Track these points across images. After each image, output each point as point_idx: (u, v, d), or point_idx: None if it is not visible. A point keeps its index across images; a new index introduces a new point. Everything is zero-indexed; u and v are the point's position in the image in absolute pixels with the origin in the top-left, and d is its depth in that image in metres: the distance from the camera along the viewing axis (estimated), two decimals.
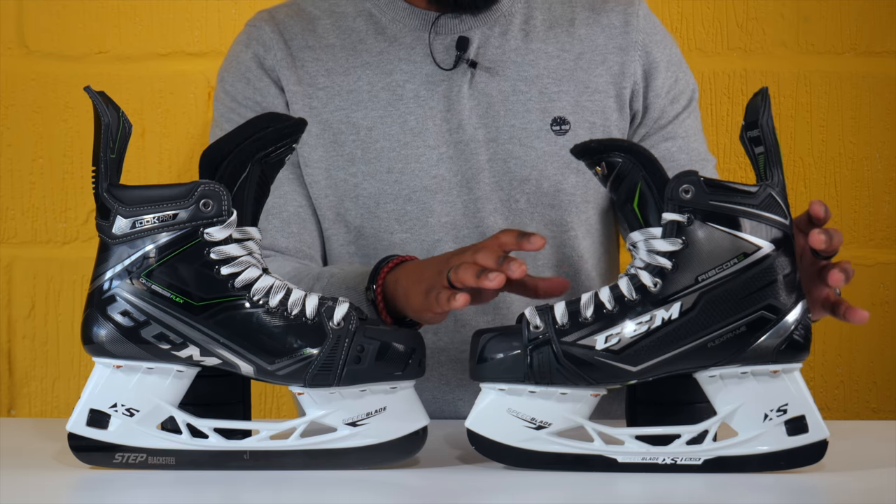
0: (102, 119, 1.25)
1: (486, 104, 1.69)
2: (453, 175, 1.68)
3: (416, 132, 1.68)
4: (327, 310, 1.27)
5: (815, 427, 1.27)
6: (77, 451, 1.29)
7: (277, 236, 1.69)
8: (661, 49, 1.74)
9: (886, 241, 2.15)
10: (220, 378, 1.30)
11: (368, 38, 1.71)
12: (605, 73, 1.71)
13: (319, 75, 1.70)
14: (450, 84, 1.69)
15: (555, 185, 1.69)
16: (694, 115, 1.76)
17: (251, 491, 1.23)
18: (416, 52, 1.70)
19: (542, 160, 1.68)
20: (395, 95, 1.69)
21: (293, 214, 1.70)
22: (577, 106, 1.70)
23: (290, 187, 1.70)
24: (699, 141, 1.76)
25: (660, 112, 1.73)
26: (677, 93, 1.74)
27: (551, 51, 1.71)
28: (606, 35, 1.72)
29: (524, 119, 1.69)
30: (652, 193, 1.26)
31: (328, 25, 1.73)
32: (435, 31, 1.70)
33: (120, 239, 1.26)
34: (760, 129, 1.27)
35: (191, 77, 2.10)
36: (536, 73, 1.70)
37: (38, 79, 2.10)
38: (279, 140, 1.27)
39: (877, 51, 2.13)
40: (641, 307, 1.25)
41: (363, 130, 1.69)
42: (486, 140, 1.68)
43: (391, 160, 1.68)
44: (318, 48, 1.71)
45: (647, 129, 1.73)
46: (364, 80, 1.69)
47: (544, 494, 1.22)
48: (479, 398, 1.29)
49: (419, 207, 1.68)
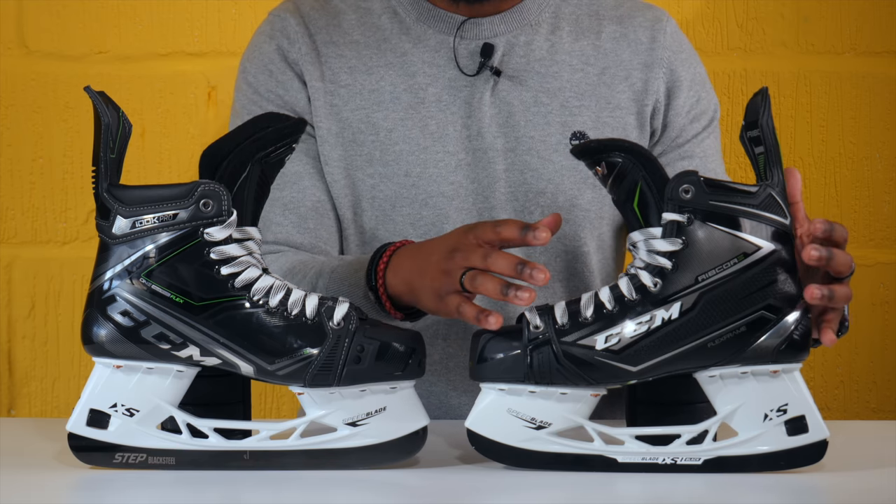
0: (102, 119, 1.25)
1: (506, 113, 1.68)
2: (470, 182, 1.67)
3: (437, 137, 1.67)
4: (327, 310, 1.27)
5: (815, 427, 1.27)
6: (77, 451, 1.29)
7: (293, 231, 1.67)
8: (685, 67, 1.72)
9: (886, 241, 2.15)
10: (220, 378, 1.30)
11: (393, 38, 1.70)
12: (628, 90, 1.70)
13: (342, 72, 1.69)
14: (472, 90, 1.68)
15: (570, 199, 1.68)
16: (714, 135, 1.74)
17: (251, 491, 1.23)
18: (440, 56, 1.69)
19: (559, 174, 1.67)
20: (416, 98, 1.68)
21: (311, 209, 1.68)
22: (598, 121, 1.68)
23: (311, 181, 1.68)
24: (717, 162, 1.74)
25: (678, 131, 1.72)
26: (698, 112, 1.72)
27: (576, 63, 1.70)
28: (632, 50, 1.71)
29: (544, 131, 1.68)
30: (652, 193, 1.26)
31: (353, 21, 1.71)
32: (460, 35, 1.69)
33: (120, 239, 1.26)
34: (760, 129, 1.27)
35: (191, 77, 2.10)
36: (559, 86, 1.69)
37: (38, 79, 2.10)
38: (279, 140, 1.27)
39: (877, 51, 2.13)
40: (641, 307, 1.25)
41: (383, 132, 1.68)
42: (504, 149, 1.67)
43: (409, 164, 1.67)
44: (343, 44, 1.70)
45: (664, 147, 1.72)
46: (386, 81, 1.68)
47: (544, 494, 1.22)
48: (479, 398, 1.29)
49: (434, 213, 1.67)
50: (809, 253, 1.27)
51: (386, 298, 1.46)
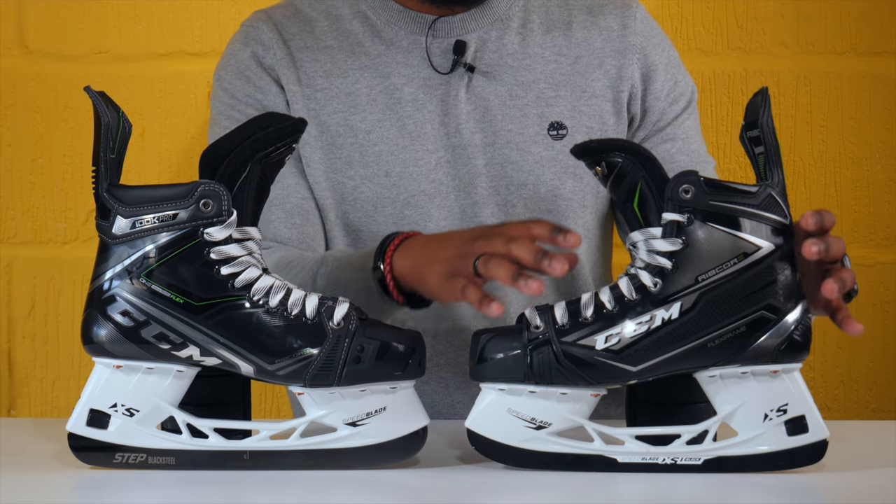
0: (102, 119, 1.25)
1: (483, 108, 1.68)
2: (451, 179, 1.68)
3: (415, 136, 1.68)
4: (327, 310, 1.27)
5: (815, 427, 1.27)
6: (77, 451, 1.29)
7: (280, 227, 1.68)
8: (659, 52, 1.73)
9: (886, 241, 2.15)
10: (220, 378, 1.30)
11: (366, 41, 1.71)
12: (603, 77, 1.71)
13: (318, 76, 1.70)
14: (447, 88, 1.69)
15: (552, 189, 1.68)
16: (693, 116, 1.76)
17: (251, 491, 1.23)
18: (413, 56, 1.69)
19: (539, 165, 1.68)
20: (393, 99, 1.69)
21: (296, 206, 1.68)
22: (575, 110, 1.69)
23: (294, 180, 1.69)
24: (698, 143, 1.75)
25: (659, 115, 1.73)
26: (676, 95, 1.74)
27: (548, 55, 1.71)
28: (604, 38, 1.72)
29: (521, 124, 1.68)
30: (652, 193, 1.26)
31: (325, 27, 1.73)
32: (432, 34, 1.69)
33: (120, 239, 1.26)
34: (760, 129, 1.27)
35: (191, 77, 2.10)
36: (533, 78, 1.70)
37: (38, 79, 2.10)
38: (279, 140, 1.27)
39: (877, 51, 2.13)
40: (641, 307, 1.25)
41: (361, 134, 1.68)
42: (483, 144, 1.68)
43: (389, 164, 1.68)
44: (317, 49, 1.71)
45: (646, 132, 1.73)
46: (362, 83, 1.69)
47: (544, 494, 1.22)
48: (479, 398, 1.29)
49: (417, 211, 1.67)
50: (809, 248, 1.27)
51: (391, 278, 1.45)
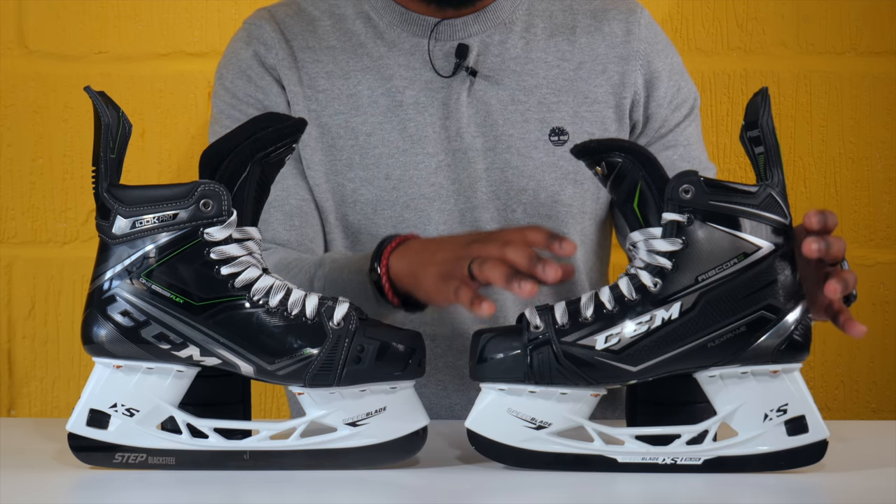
0: (102, 119, 1.25)
1: (484, 112, 1.68)
2: (451, 183, 1.68)
3: (416, 139, 1.67)
4: (327, 310, 1.27)
5: (815, 427, 1.27)
6: (77, 451, 1.29)
7: (279, 229, 1.67)
8: (662, 58, 1.73)
9: (886, 241, 2.15)
10: (220, 378, 1.30)
11: (368, 42, 1.70)
12: (605, 84, 1.70)
13: (320, 77, 1.70)
14: (449, 91, 1.68)
15: (552, 195, 1.68)
16: (695, 123, 1.75)
17: (251, 491, 1.23)
18: (415, 59, 1.69)
19: (539, 170, 1.68)
20: (394, 101, 1.68)
21: (295, 208, 1.68)
22: (576, 116, 1.69)
23: (294, 181, 1.69)
24: (700, 149, 1.75)
25: (661, 121, 1.72)
26: (679, 102, 1.73)
27: (551, 60, 1.70)
28: (607, 44, 1.71)
29: (522, 129, 1.68)
30: (652, 193, 1.26)
31: (328, 27, 1.72)
32: (434, 37, 1.69)
33: (120, 239, 1.26)
34: (760, 129, 1.27)
35: (191, 77, 2.10)
36: (536, 83, 1.69)
37: (38, 79, 2.10)
38: (279, 140, 1.27)
39: (877, 51, 2.13)
40: (641, 307, 1.25)
41: (362, 136, 1.68)
42: (483, 149, 1.68)
43: (389, 167, 1.67)
44: (319, 49, 1.71)
45: (648, 139, 1.72)
46: (364, 85, 1.69)
47: (544, 494, 1.22)
48: (479, 398, 1.29)
49: (417, 215, 1.67)
50: (810, 246, 1.27)
51: (387, 280, 1.45)
